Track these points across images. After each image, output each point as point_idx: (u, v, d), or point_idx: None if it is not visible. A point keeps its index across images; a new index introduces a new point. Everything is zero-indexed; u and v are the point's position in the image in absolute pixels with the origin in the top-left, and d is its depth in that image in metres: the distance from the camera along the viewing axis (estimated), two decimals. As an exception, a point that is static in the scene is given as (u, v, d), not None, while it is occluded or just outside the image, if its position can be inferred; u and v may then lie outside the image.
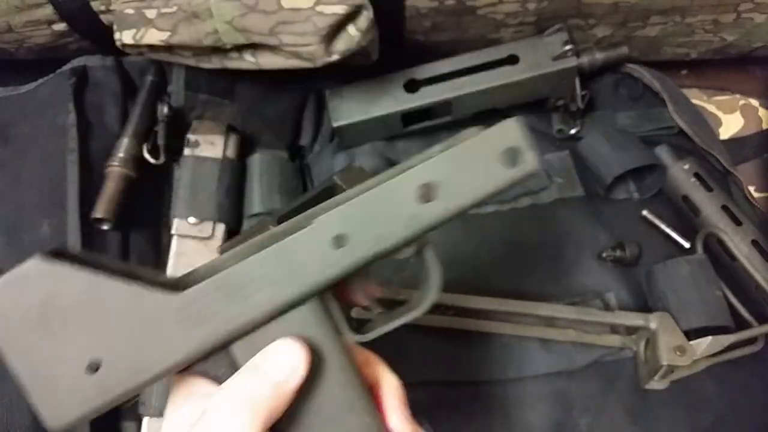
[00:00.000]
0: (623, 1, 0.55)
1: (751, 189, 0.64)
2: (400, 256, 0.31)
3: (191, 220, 0.54)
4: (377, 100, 0.58)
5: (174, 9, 0.49)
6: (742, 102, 0.69)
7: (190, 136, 0.57)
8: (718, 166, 0.61)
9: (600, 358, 0.53)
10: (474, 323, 0.53)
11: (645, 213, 0.59)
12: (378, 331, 0.31)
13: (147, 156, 0.54)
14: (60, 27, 0.56)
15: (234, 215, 0.57)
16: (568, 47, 0.57)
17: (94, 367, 0.26)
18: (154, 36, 0.50)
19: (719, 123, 0.68)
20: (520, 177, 0.30)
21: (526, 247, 0.57)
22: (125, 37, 0.50)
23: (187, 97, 0.55)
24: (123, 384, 0.27)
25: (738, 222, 0.56)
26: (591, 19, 0.58)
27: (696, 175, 0.59)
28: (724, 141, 0.67)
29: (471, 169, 0.30)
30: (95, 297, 0.27)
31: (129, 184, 0.53)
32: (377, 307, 0.34)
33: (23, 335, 0.26)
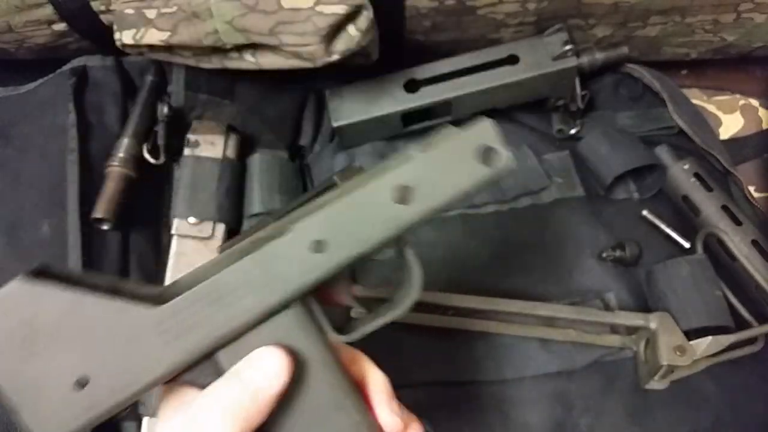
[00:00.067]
0: (623, 1, 0.55)
1: (751, 189, 0.64)
2: (381, 256, 0.31)
3: (191, 220, 0.54)
4: (377, 100, 0.58)
5: (174, 9, 0.49)
6: (742, 102, 0.69)
7: (190, 136, 0.57)
8: (718, 166, 0.61)
9: (600, 358, 0.53)
10: (474, 323, 0.53)
11: (645, 213, 0.59)
12: (361, 331, 0.32)
13: (147, 156, 0.54)
14: (60, 27, 0.56)
15: (234, 215, 0.57)
16: (568, 47, 0.57)
17: (81, 384, 0.27)
18: (154, 36, 0.50)
19: (719, 123, 0.68)
20: (495, 175, 0.31)
21: (526, 247, 0.57)
22: (125, 37, 0.50)
23: (187, 97, 0.55)
24: (111, 398, 0.27)
25: (738, 222, 0.56)
26: (591, 19, 0.58)
27: (696, 175, 0.59)
28: (724, 141, 0.67)
29: (446, 169, 0.31)
30: (79, 315, 0.27)
31: (129, 184, 0.53)
32: (361, 307, 0.35)
33: (9, 356, 0.26)
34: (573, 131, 0.63)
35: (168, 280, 0.53)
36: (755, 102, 0.69)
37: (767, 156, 0.66)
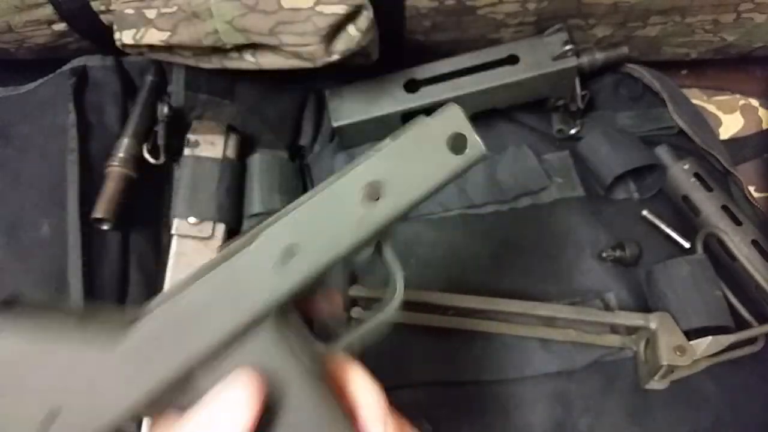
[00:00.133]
0: (623, 1, 0.55)
1: (751, 189, 0.64)
2: (359, 259, 0.30)
3: (191, 220, 0.54)
4: (377, 100, 0.58)
5: (174, 9, 0.49)
6: (742, 102, 0.69)
7: (190, 136, 0.57)
8: (718, 166, 0.61)
9: (600, 358, 0.53)
10: (474, 323, 0.53)
11: (645, 213, 0.59)
12: (346, 339, 0.30)
13: (147, 156, 0.54)
14: (60, 27, 0.56)
15: (234, 215, 0.57)
16: (568, 47, 0.57)
17: (51, 420, 0.26)
18: (154, 36, 0.50)
19: (719, 123, 0.68)
20: (468, 164, 0.29)
21: (525, 247, 0.57)
22: (125, 37, 0.50)
23: (187, 97, 0.55)
24: None
25: (738, 222, 0.56)
26: (591, 19, 0.58)
27: (696, 175, 0.59)
28: (724, 141, 0.67)
29: (417, 161, 0.29)
30: (45, 350, 0.26)
31: (129, 184, 0.53)
32: (344, 315, 0.33)
33: None
34: (573, 131, 0.63)
35: (168, 280, 0.53)
36: (755, 102, 0.69)
37: (767, 156, 0.66)
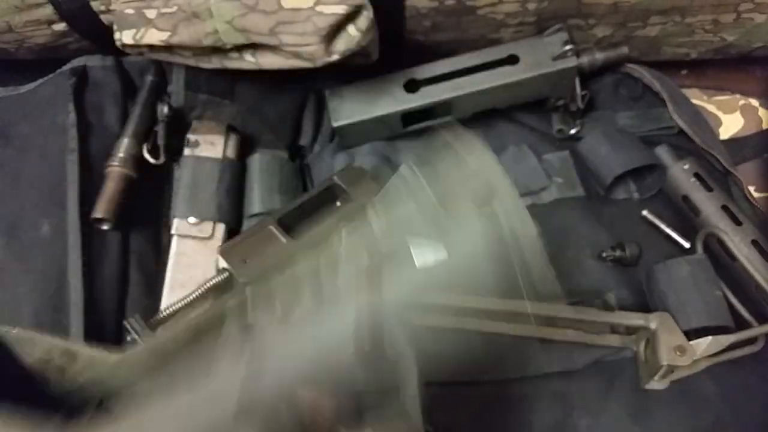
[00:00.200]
0: (623, 1, 0.55)
1: (751, 189, 0.64)
2: None
3: (191, 220, 0.54)
4: (377, 100, 0.58)
5: (174, 9, 0.49)
6: (742, 102, 0.69)
7: (190, 136, 0.57)
8: (718, 166, 0.61)
9: (600, 358, 0.53)
10: (474, 323, 0.53)
11: (645, 213, 0.59)
12: None
13: (147, 156, 0.54)
14: (60, 27, 0.56)
15: (234, 215, 0.57)
16: (568, 47, 0.57)
17: None
18: (154, 36, 0.50)
19: (719, 123, 0.68)
20: None
21: (526, 247, 0.57)
22: (125, 37, 0.50)
23: (187, 97, 0.55)
24: None
25: (738, 222, 0.56)
26: (591, 19, 0.58)
27: (696, 175, 0.59)
28: (724, 141, 0.67)
29: None
30: None
31: (129, 184, 0.53)
32: None
33: None
34: (573, 131, 0.63)
35: (168, 280, 0.53)
36: (755, 102, 0.69)
37: (767, 156, 0.66)
